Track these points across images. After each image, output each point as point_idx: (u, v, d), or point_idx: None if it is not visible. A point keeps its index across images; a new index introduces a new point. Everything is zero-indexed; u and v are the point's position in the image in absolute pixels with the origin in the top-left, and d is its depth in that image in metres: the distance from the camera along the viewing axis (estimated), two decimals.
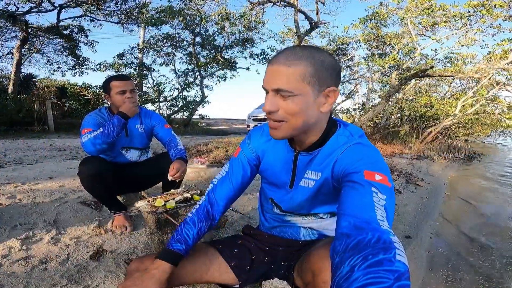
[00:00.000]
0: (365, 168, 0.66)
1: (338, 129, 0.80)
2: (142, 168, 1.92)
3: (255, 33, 12.60)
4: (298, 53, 0.71)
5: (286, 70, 0.70)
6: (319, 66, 0.71)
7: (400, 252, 0.49)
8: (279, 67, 0.70)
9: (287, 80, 0.70)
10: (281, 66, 0.70)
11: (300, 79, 0.70)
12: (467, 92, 9.80)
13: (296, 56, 0.71)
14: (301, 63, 0.70)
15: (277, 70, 0.71)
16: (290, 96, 0.70)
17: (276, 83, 0.71)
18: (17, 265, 1.38)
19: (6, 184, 2.52)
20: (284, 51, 0.72)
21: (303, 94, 0.71)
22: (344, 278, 0.46)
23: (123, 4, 10.99)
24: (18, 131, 8.41)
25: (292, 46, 0.74)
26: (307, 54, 0.71)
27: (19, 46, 10.56)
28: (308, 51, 0.72)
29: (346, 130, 0.80)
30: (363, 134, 0.81)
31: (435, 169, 5.98)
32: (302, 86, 0.70)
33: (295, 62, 0.70)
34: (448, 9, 6.93)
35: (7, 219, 1.82)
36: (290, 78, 0.70)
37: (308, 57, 0.71)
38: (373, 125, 9.77)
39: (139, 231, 1.82)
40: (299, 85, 0.70)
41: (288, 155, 0.86)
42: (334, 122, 0.82)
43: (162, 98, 12.96)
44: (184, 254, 0.84)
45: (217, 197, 0.94)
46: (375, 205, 0.59)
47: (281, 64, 0.70)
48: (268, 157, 0.91)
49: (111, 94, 1.73)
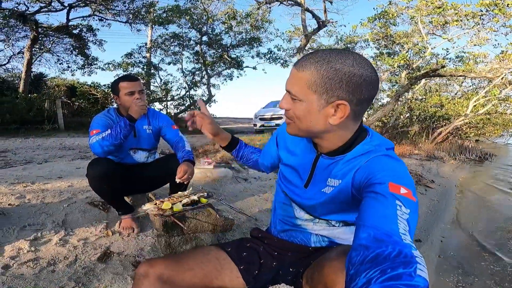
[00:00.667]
0: (390, 180, 0.63)
1: (366, 138, 0.77)
2: (150, 170, 1.92)
3: (262, 32, 12.58)
4: (314, 58, 0.69)
5: (296, 74, 0.71)
6: (331, 75, 0.67)
7: (422, 267, 0.46)
8: (294, 70, 0.72)
9: (294, 85, 0.71)
10: (295, 69, 0.72)
11: (305, 85, 0.69)
12: (479, 92, 9.62)
13: (310, 61, 0.69)
14: (309, 69, 0.68)
15: (292, 73, 0.73)
16: (296, 100, 0.72)
17: (287, 85, 0.74)
18: (26, 266, 1.39)
19: (16, 183, 2.54)
20: (309, 54, 0.72)
21: (307, 101, 0.70)
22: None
23: (131, 3, 11.10)
24: (29, 130, 8.56)
25: (320, 50, 0.72)
26: (322, 60, 0.68)
27: (29, 45, 10.75)
28: (326, 57, 0.68)
29: (375, 140, 0.77)
30: (393, 148, 0.78)
31: (446, 170, 5.87)
32: (307, 93, 0.69)
33: (305, 67, 0.69)
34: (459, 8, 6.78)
35: (16, 220, 1.83)
36: (298, 83, 0.71)
37: (321, 63, 0.68)
38: (381, 125, 9.66)
39: (146, 233, 1.82)
40: (304, 91, 0.70)
41: (310, 155, 0.85)
42: (364, 130, 0.79)
43: (169, 97, 13.05)
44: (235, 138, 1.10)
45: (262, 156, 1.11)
46: (398, 218, 0.56)
47: (295, 68, 0.72)
48: (291, 153, 0.91)
49: (119, 95, 1.74)
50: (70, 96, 11.98)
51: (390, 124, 9.14)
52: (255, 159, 1.12)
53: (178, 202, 1.54)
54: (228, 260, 0.92)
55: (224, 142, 1.08)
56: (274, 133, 1.04)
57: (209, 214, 1.67)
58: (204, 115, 1.02)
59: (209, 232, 1.70)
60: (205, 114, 1.02)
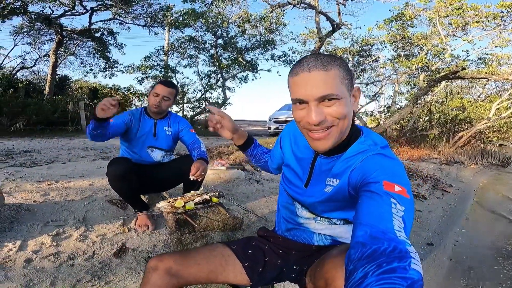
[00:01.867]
0: (384, 178, 0.66)
1: (360, 137, 0.80)
2: (165, 169, 2.01)
3: (276, 35, 12.65)
4: (325, 58, 0.73)
5: (325, 75, 0.70)
6: (347, 68, 0.74)
7: (416, 261, 0.49)
8: (318, 72, 0.70)
9: (331, 85, 0.70)
10: (320, 71, 0.70)
11: (339, 81, 0.71)
12: (502, 95, 9.24)
13: (326, 60, 0.72)
14: (335, 65, 0.72)
15: (317, 77, 0.70)
16: (336, 100, 0.71)
17: (320, 90, 0.70)
18: (47, 260, 1.48)
19: (41, 182, 2.70)
20: (308, 59, 0.73)
21: (345, 96, 0.73)
22: (357, 283, 0.47)
23: (149, 7, 11.45)
24: (53, 131, 8.95)
25: (310, 55, 0.76)
26: (333, 58, 0.74)
27: (54, 48, 11.26)
28: (328, 58, 0.74)
29: (369, 139, 0.80)
30: (387, 146, 0.80)
31: (466, 175, 5.69)
32: (342, 89, 0.72)
33: (330, 65, 0.71)
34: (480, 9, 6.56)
35: (40, 216, 1.96)
36: (333, 82, 0.70)
37: (336, 60, 0.74)
38: (399, 128, 9.44)
39: (159, 231, 1.89)
40: (341, 88, 0.72)
41: (308, 156, 0.88)
42: (357, 129, 0.82)
43: (185, 99, 13.29)
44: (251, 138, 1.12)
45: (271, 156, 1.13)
46: (393, 215, 0.58)
47: (319, 70, 0.70)
48: (292, 154, 0.95)
49: (150, 92, 1.94)
50: (92, 98, 12.44)
51: (408, 127, 8.92)
52: (266, 160, 1.16)
53: (191, 201, 1.60)
54: (233, 257, 0.96)
55: (241, 140, 1.10)
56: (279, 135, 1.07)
57: (220, 213, 1.72)
58: (223, 113, 1.04)
59: (219, 230, 1.75)
60: (224, 112, 1.05)
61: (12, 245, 1.57)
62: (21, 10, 9.51)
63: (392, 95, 13.15)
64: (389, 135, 8.54)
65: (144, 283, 0.87)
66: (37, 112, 8.73)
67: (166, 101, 1.90)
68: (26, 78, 13.52)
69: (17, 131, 8.15)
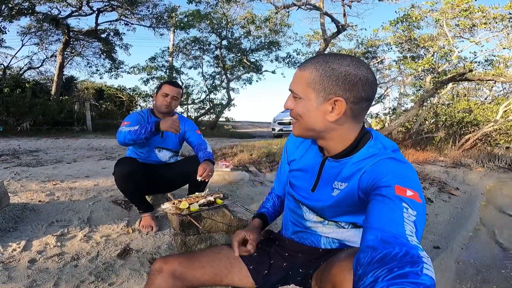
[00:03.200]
0: (396, 183, 0.65)
1: (369, 141, 0.79)
2: (171, 170, 2.02)
3: (281, 36, 12.64)
4: (315, 60, 0.75)
5: (298, 74, 0.76)
6: (328, 74, 0.72)
7: (428, 266, 0.48)
8: (297, 70, 0.78)
9: (296, 84, 0.76)
10: (298, 70, 0.77)
11: (305, 83, 0.74)
12: (510, 97, 9.12)
13: (310, 62, 0.75)
14: (309, 68, 0.74)
15: (295, 73, 0.78)
16: (297, 98, 0.76)
17: (290, 84, 0.78)
18: (51, 261, 1.48)
19: (46, 181, 2.71)
20: (312, 57, 0.78)
21: (306, 98, 0.75)
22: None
23: (154, 8, 11.52)
24: (59, 131, 9.03)
25: (322, 53, 0.78)
26: (321, 61, 0.73)
27: (61, 49, 11.37)
28: (325, 58, 0.74)
29: (379, 143, 0.78)
30: (398, 150, 0.79)
31: (472, 178, 5.61)
32: (306, 91, 0.74)
33: (305, 67, 0.75)
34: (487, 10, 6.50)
35: (45, 216, 1.96)
36: (298, 82, 0.76)
37: (320, 64, 0.73)
38: (404, 130, 9.37)
39: (163, 232, 1.88)
40: (304, 90, 0.75)
41: (316, 159, 0.87)
42: (367, 133, 0.80)
43: (190, 100, 13.33)
44: (267, 214, 1.07)
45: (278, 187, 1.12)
46: (404, 220, 0.57)
47: (298, 68, 0.77)
48: (299, 159, 0.93)
49: (158, 93, 1.94)
50: (98, 99, 12.53)
51: (413, 130, 8.84)
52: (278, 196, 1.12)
53: (195, 202, 1.59)
54: (238, 259, 0.95)
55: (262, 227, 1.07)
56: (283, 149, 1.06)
57: (224, 215, 1.71)
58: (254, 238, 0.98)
59: (224, 232, 1.74)
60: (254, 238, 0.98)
61: (17, 245, 1.57)
62: (29, 11, 9.62)
63: (397, 97, 13.10)
64: (395, 137, 8.47)
65: (149, 285, 0.86)
66: (44, 112, 8.81)
67: (175, 100, 1.94)
68: (33, 78, 13.69)
69: (23, 131, 8.23)
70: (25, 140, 6.75)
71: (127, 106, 12.51)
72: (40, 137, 7.71)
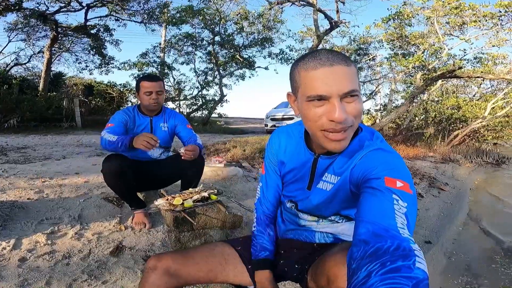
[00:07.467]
0: (386, 174, 0.64)
1: (359, 133, 0.78)
2: (162, 166, 1.99)
3: (274, 33, 12.60)
4: (340, 54, 0.69)
5: (348, 70, 0.66)
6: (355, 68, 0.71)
7: (420, 260, 0.48)
8: (341, 67, 0.66)
9: (353, 81, 0.66)
10: (342, 66, 0.66)
11: (357, 78, 0.69)
12: (498, 94, 9.32)
13: (342, 57, 0.68)
14: (350, 63, 0.68)
15: (340, 71, 0.65)
16: (356, 97, 0.67)
17: (347, 85, 0.65)
18: (42, 259, 1.45)
19: (35, 178, 2.65)
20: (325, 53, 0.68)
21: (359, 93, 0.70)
22: (361, 283, 0.46)
23: (146, 3, 11.31)
24: (47, 127, 8.83)
25: (322, 49, 0.72)
26: (345, 56, 0.71)
27: (49, 45, 11.10)
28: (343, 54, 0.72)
29: (367, 134, 0.78)
30: (383, 139, 0.79)
31: (461, 173, 5.73)
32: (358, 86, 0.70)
33: (349, 61, 0.68)
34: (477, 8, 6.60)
35: (35, 214, 1.92)
36: (354, 78, 0.67)
37: (347, 58, 0.70)
38: (395, 126, 9.48)
39: (157, 229, 1.87)
40: (358, 85, 0.70)
41: (308, 158, 0.85)
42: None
43: (182, 96, 13.21)
44: (271, 257, 0.94)
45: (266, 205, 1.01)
46: (395, 212, 0.57)
47: (342, 64, 0.66)
48: (289, 161, 0.91)
49: (139, 93, 1.85)
50: (87, 95, 12.30)
51: (404, 126, 8.96)
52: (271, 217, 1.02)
53: (189, 198, 1.58)
54: (234, 256, 0.94)
55: None
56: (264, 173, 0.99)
57: (219, 210, 1.70)
58: None
59: (218, 228, 1.73)
60: None
61: (6, 244, 1.53)
62: (16, 7, 9.34)
63: (388, 94, 13.23)
64: (386, 133, 8.57)
65: (143, 283, 0.85)
66: (31, 108, 8.61)
67: (161, 94, 1.86)
68: (20, 74, 13.37)
69: (10, 127, 8.02)
70: (12, 137, 6.58)
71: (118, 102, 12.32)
72: (27, 133, 7.53)
